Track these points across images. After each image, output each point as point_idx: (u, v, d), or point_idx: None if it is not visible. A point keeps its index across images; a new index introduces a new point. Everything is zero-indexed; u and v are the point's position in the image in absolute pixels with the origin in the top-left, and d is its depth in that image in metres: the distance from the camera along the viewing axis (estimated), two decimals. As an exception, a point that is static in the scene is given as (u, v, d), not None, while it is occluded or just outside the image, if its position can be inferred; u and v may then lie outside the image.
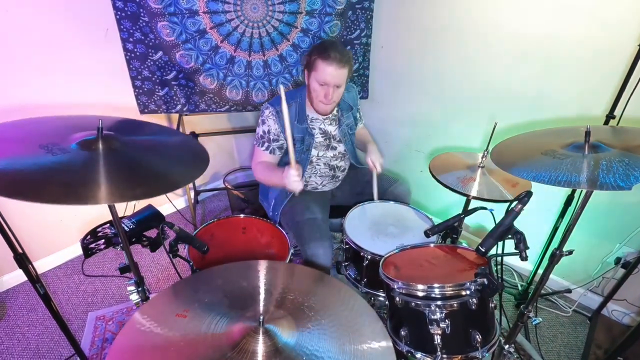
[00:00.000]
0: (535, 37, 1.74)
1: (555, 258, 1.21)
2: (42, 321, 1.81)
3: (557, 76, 1.74)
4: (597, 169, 0.95)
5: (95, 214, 2.16)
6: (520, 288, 2.09)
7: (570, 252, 1.22)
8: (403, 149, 2.54)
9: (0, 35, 1.63)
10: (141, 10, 1.81)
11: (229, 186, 2.48)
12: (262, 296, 0.94)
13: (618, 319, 1.89)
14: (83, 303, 1.92)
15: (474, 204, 1.41)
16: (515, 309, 1.99)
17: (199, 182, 2.72)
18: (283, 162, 1.72)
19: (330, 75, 1.47)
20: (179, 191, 2.52)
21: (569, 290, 2.03)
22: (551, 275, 2.10)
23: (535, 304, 1.97)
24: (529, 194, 0.95)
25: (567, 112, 1.77)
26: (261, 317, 0.83)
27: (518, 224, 2.04)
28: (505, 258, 2.21)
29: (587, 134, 1.03)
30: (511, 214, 0.97)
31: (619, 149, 1.05)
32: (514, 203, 0.97)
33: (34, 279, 1.21)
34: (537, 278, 2.11)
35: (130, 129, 1.06)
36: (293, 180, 1.42)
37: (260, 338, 0.82)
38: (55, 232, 2.08)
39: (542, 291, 2.09)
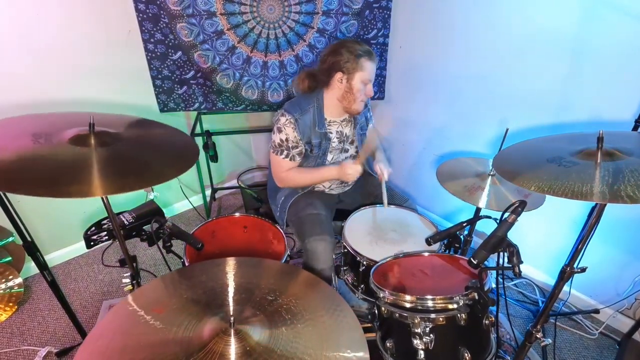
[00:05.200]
0: (562, 36, 1.62)
1: (565, 275, 1.12)
2: (61, 306, 1.91)
3: (584, 77, 1.61)
4: (607, 179, 0.86)
5: (115, 206, 2.26)
6: (541, 304, 1.95)
7: (583, 270, 1.12)
8: (420, 151, 2.46)
9: (31, 35, 1.75)
10: (161, 12, 1.87)
11: (242, 185, 2.52)
12: (230, 296, 0.93)
13: (651, 346, 1.71)
14: (99, 292, 2.02)
15: (485, 211, 1.33)
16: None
17: (216, 180, 2.78)
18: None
19: (373, 71, 1.57)
20: (196, 188, 2.58)
21: (597, 311, 1.86)
22: (577, 294, 1.95)
23: (554, 322, 1.84)
24: (522, 204, 0.88)
25: (592, 115, 1.63)
26: (232, 319, 0.82)
27: (541, 235, 1.95)
28: (525, 271, 2.10)
29: (600, 140, 0.93)
30: (504, 225, 0.89)
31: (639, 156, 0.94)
32: (507, 213, 0.90)
33: (41, 266, 1.28)
34: (562, 295, 1.96)
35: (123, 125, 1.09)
36: (352, 166, 1.56)
37: (232, 340, 0.81)
38: (80, 221, 2.20)
39: (566, 310, 1.94)
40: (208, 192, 2.72)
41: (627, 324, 1.78)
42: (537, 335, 1.22)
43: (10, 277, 1.91)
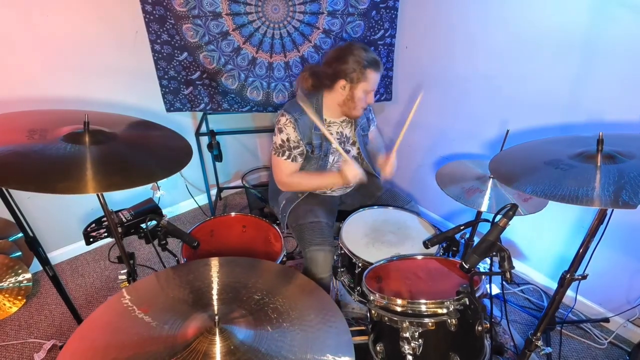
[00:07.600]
0: (569, 36, 1.57)
1: (565, 281, 1.09)
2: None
3: (590, 79, 1.56)
4: (608, 183, 0.82)
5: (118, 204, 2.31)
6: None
7: (584, 277, 1.08)
8: (425, 152, 2.42)
9: (41, 36, 1.79)
10: (168, 13, 1.90)
11: (246, 184, 2.53)
12: (216, 295, 0.93)
13: (664, 358, 1.64)
14: (104, 287, 2.06)
15: (486, 214, 1.29)
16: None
17: (222, 179, 2.80)
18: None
19: (377, 81, 1.55)
20: (202, 187, 2.61)
21: (607, 320, 1.80)
22: (586, 301, 1.89)
23: (560, 330, 1.78)
24: (514, 208, 0.85)
25: (598, 117, 1.57)
26: (216, 318, 0.82)
27: (548, 240, 1.89)
28: (532, 276, 2.04)
29: (600, 142, 0.90)
30: (496, 229, 0.86)
31: (643, 160, 0.90)
32: (499, 217, 0.87)
33: (43, 261, 1.31)
34: (569, 302, 1.90)
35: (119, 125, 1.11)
36: (354, 168, 1.51)
37: (217, 339, 0.81)
38: (88, 218, 2.24)
39: (574, 317, 1.88)
40: (214, 191, 2.74)
41: (638, 333, 1.71)
42: (537, 343, 1.19)
43: (20, 271, 1.97)
